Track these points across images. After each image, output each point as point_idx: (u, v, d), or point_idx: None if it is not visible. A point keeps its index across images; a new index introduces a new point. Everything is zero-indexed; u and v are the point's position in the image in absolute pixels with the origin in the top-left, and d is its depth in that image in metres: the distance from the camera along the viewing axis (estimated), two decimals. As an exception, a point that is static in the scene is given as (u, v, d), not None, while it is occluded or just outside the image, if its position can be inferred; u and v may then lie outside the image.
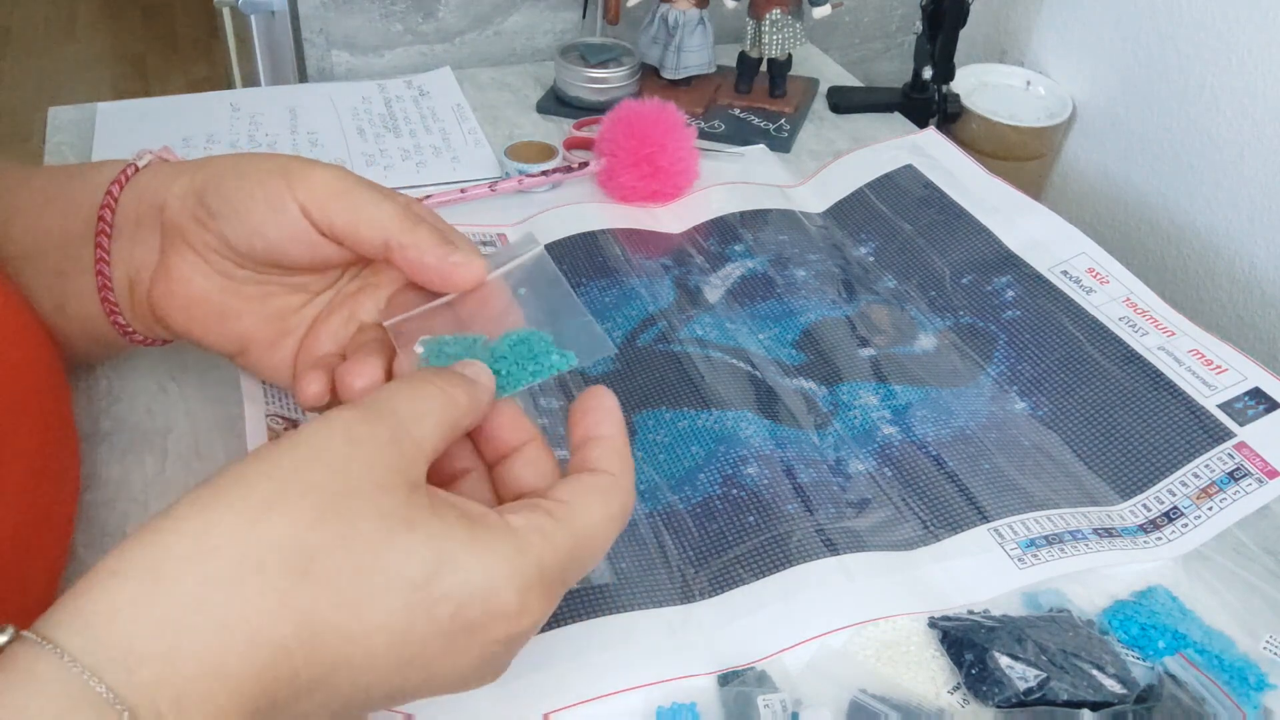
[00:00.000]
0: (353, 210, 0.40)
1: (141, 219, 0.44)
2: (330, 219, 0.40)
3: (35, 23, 2.73)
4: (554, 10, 0.92)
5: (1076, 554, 0.48)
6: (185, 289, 0.43)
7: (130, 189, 0.44)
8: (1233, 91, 0.80)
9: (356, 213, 0.40)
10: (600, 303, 0.62)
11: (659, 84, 0.85)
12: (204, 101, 0.82)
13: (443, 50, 0.91)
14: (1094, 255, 0.65)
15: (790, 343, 0.60)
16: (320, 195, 0.40)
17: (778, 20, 0.81)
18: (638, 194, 0.71)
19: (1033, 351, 0.59)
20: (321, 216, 0.40)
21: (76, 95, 2.27)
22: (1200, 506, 0.51)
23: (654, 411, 0.55)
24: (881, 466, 0.53)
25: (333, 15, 0.86)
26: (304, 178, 0.40)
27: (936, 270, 0.66)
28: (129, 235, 0.44)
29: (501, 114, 0.83)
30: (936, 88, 0.87)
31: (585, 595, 0.45)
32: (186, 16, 2.78)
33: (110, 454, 0.51)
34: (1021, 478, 0.52)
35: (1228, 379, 0.56)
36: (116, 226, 0.44)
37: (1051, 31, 0.97)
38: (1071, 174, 0.97)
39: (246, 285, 0.44)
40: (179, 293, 0.44)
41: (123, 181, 0.44)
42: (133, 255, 0.44)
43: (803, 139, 0.82)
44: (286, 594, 0.27)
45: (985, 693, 0.42)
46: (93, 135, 0.75)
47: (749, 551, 0.47)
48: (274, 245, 0.41)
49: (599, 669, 0.42)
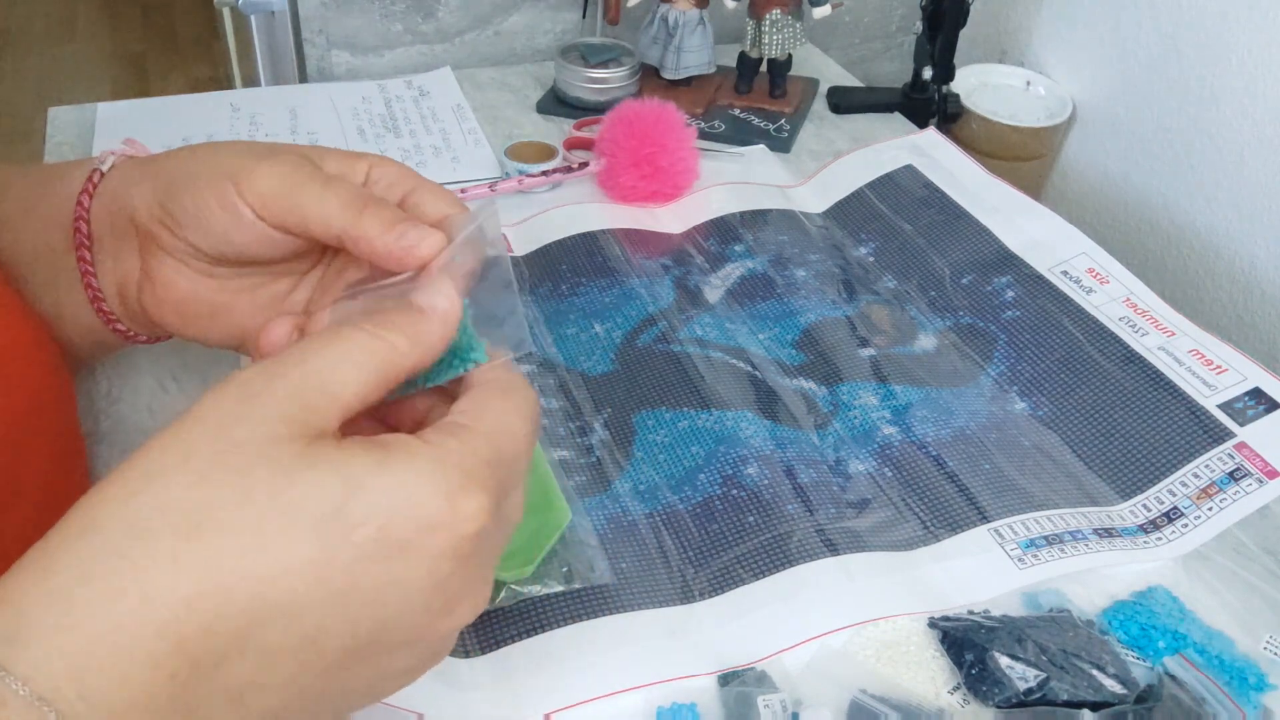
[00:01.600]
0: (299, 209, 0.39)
1: (116, 229, 0.43)
2: (280, 219, 0.39)
3: (35, 23, 2.73)
4: (554, 10, 0.92)
5: (1076, 554, 0.48)
6: (172, 293, 0.43)
7: (99, 198, 0.43)
8: (1233, 91, 0.81)
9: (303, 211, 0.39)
10: (600, 303, 0.62)
11: (659, 84, 0.85)
12: (204, 101, 0.82)
13: (443, 50, 0.91)
14: (1094, 255, 0.65)
15: (790, 343, 0.60)
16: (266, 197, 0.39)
17: (778, 20, 0.81)
18: (638, 194, 0.71)
19: (1033, 352, 0.59)
20: (272, 218, 0.39)
21: (76, 95, 2.28)
22: (1200, 507, 0.51)
23: (654, 411, 0.55)
24: (881, 467, 0.53)
25: (333, 15, 0.86)
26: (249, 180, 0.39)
27: (936, 270, 0.66)
28: (108, 247, 0.44)
29: (501, 114, 0.83)
30: (936, 88, 0.87)
31: (586, 595, 0.45)
32: (186, 16, 2.78)
33: (110, 454, 0.51)
34: (1021, 478, 0.52)
35: (1228, 379, 0.56)
36: (94, 238, 0.44)
37: (1051, 31, 0.97)
38: (1071, 174, 0.98)
39: (231, 280, 0.43)
40: (167, 297, 0.43)
41: (90, 191, 0.43)
42: (116, 266, 0.44)
43: (803, 139, 0.83)
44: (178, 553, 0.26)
45: (985, 693, 0.42)
46: (93, 135, 0.75)
47: (749, 552, 0.47)
48: (241, 248, 0.41)
49: (599, 669, 0.42)
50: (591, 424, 0.54)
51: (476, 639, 0.43)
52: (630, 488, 0.51)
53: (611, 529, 0.49)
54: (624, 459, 0.53)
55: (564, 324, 0.61)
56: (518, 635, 0.43)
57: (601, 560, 0.47)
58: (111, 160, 0.44)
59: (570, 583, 0.45)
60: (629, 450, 0.53)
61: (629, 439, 0.54)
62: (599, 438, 0.54)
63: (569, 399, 0.56)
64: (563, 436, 0.54)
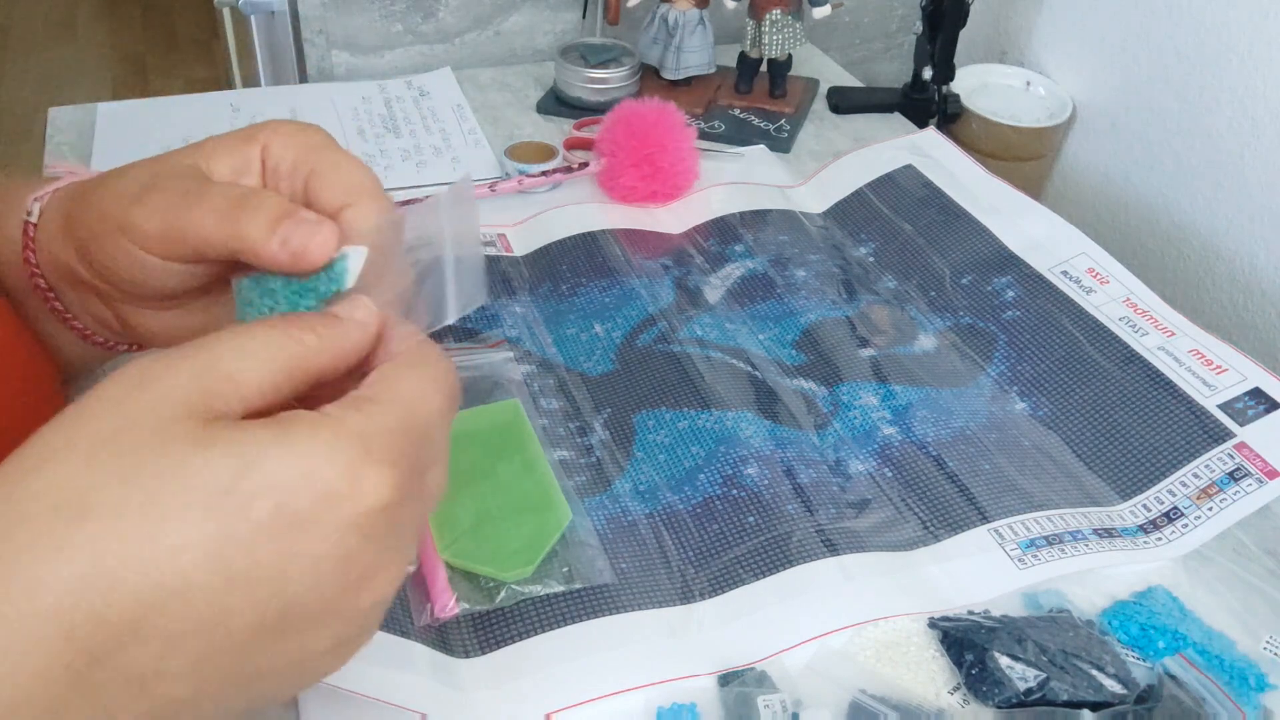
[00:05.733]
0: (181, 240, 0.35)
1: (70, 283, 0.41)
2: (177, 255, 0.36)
3: (35, 23, 2.73)
4: (554, 10, 0.92)
5: (1076, 554, 0.48)
6: (150, 333, 0.41)
7: (41, 253, 0.41)
8: (1233, 91, 0.81)
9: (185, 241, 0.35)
10: (600, 303, 0.62)
11: (659, 84, 0.85)
12: (204, 101, 0.82)
13: (443, 50, 0.91)
14: (1094, 255, 0.65)
15: (790, 343, 0.60)
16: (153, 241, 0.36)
17: (778, 20, 0.81)
18: (638, 194, 0.71)
19: (1033, 352, 0.59)
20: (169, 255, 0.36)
21: (76, 95, 2.28)
22: (1200, 507, 0.51)
23: (654, 411, 0.55)
24: (881, 467, 0.53)
25: (333, 15, 0.86)
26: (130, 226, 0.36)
27: (936, 270, 0.66)
28: (73, 297, 0.42)
29: (501, 114, 0.83)
30: (936, 88, 0.87)
31: (586, 595, 0.45)
32: (186, 16, 2.78)
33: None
34: (1021, 478, 0.52)
35: (1228, 379, 0.56)
36: (56, 289, 0.42)
37: (1051, 31, 0.97)
38: (1071, 174, 0.98)
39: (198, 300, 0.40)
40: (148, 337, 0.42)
41: (30, 246, 0.41)
42: (88, 310, 0.42)
43: (803, 139, 0.83)
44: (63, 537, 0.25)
45: (985, 693, 0.42)
46: (93, 135, 0.75)
47: (749, 552, 0.47)
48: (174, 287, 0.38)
49: (600, 669, 0.42)
50: (591, 424, 0.54)
51: (477, 639, 0.43)
52: (630, 488, 0.51)
53: (611, 529, 0.49)
54: (624, 459, 0.53)
55: (564, 324, 0.61)
56: (518, 635, 0.43)
57: (602, 560, 0.47)
58: (37, 208, 0.41)
59: (570, 583, 0.46)
60: (629, 450, 0.53)
61: (629, 439, 0.54)
62: (599, 438, 0.54)
63: (569, 399, 0.56)
64: (563, 437, 0.54)
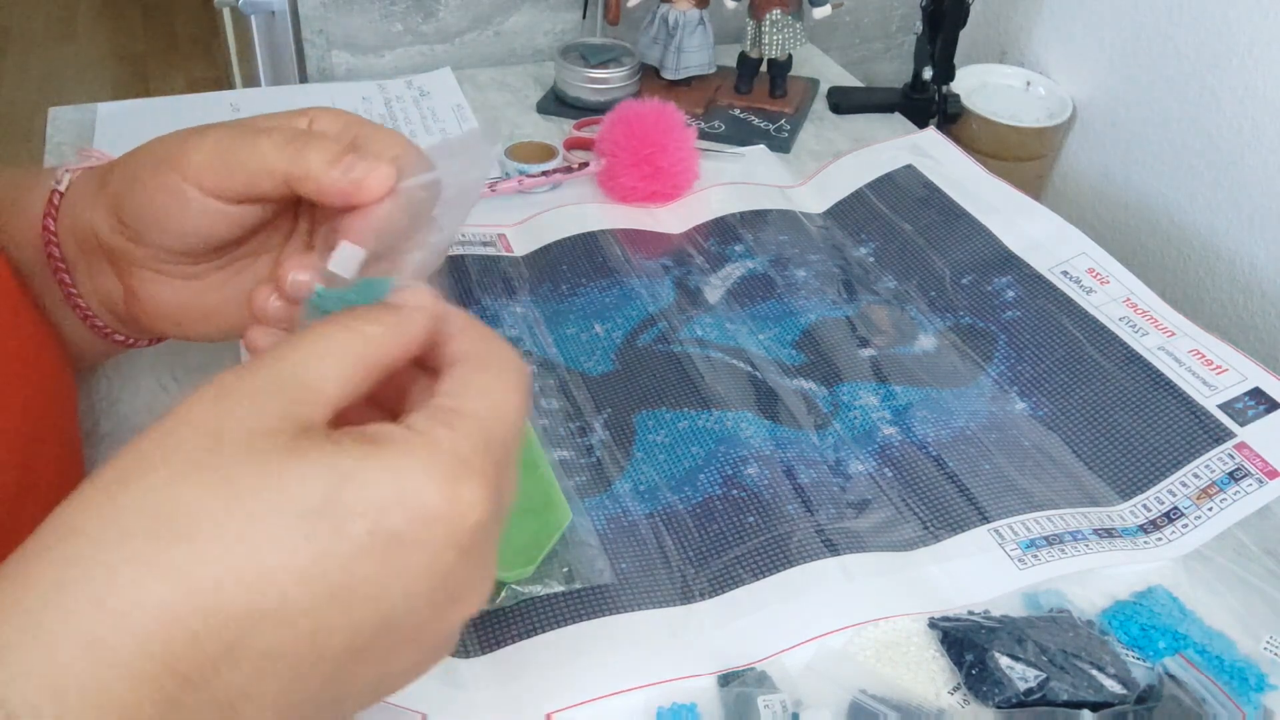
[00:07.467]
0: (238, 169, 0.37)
1: (85, 250, 0.42)
2: (224, 185, 0.38)
3: (35, 23, 2.73)
4: (554, 10, 0.92)
5: (1076, 554, 0.48)
6: (158, 305, 0.42)
7: (63, 220, 0.42)
8: (1233, 91, 0.81)
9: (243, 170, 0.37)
10: (600, 303, 0.62)
11: (659, 84, 0.85)
12: (204, 101, 0.82)
13: (443, 50, 0.91)
14: (1094, 255, 0.65)
15: (790, 343, 0.60)
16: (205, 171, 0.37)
17: (778, 20, 0.81)
18: (638, 194, 0.71)
19: (1033, 352, 0.59)
20: (216, 187, 0.38)
21: (76, 95, 2.28)
22: (1200, 507, 0.51)
23: (654, 412, 0.55)
24: (882, 467, 0.53)
25: (333, 15, 0.86)
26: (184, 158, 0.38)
27: (936, 270, 0.66)
28: (84, 269, 0.43)
29: (502, 114, 0.83)
30: (936, 88, 0.87)
31: (586, 595, 0.45)
32: (186, 16, 2.78)
33: (111, 454, 0.51)
34: (1021, 478, 0.52)
35: (1228, 379, 0.56)
36: (68, 260, 0.43)
37: (1051, 31, 0.97)
38: (1071, 174, 0.98)
39: (213, 275, 0.42)
40: (155, 310, 0.42)
41: (53, 214, 0.42)
42: (97, 287, 0.43)
43: (803, 139, 0.83)
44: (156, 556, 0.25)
45: (985, 693, 0.42)
46: (93, 135, 0.75)
47: (749, 552, 0.47)
48: (206, 235, 0.39)
49: (600, 669, 0.42)
50: (592, 424, 0.54)
51: (477, 639, 0.43)
52: (630, 488, 0.51)
53: (612, 529, 0.49)
54: (624, 459, 0.53)
55: (564, 324, 0.61)
56: (518, 635, 0.43)
57: (602, 560, 0.47)
58: (68, 178, 0.43)
59: (571, 583, 0.46)
60: (629, 450, 0.53)
61: (629, 439, 0.54)
62: (599, 438, 0.54)
63: (569, 399, 0.56)
64: (563, 437, 0.54)
